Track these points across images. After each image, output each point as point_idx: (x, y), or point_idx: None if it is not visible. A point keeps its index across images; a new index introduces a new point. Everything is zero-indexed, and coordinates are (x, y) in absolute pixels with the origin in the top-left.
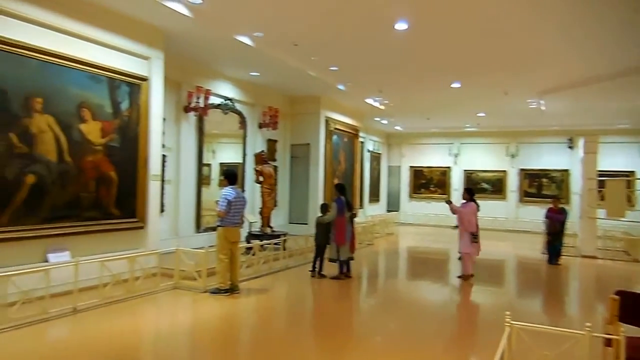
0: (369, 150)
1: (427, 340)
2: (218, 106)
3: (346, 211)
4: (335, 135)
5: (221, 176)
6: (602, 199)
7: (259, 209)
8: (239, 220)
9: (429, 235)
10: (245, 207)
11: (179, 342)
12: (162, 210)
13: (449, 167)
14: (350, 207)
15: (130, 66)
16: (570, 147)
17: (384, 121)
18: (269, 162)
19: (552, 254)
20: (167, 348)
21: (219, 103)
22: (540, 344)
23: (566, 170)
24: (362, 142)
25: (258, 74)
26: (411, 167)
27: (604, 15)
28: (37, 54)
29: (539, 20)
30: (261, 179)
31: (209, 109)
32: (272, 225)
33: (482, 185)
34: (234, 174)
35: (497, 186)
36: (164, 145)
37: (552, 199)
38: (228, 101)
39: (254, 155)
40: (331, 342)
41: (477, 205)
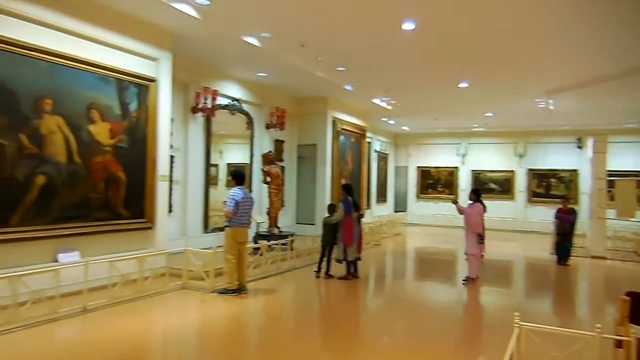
0: (376, 151)
1: (435, 341)
2: (225, 107)
3: (353, 211)
4: (342, 136)
5: (229, 177)
6: (612, 199)
7: (267, 210)
8: (246, 221)
9: (437, 235)
10: (253, 208)
11: (187, 341)
12: (170, 211)
13: (456, 167)
14: (357, 207)
15: (139, 67)
16: (579, 147)
17: (391, 121)
18: (276, 163)
19: (561, 254)
20: (175, 348)
21: (226, 104)
22: (549, 345)
23: (575, 170)
24: (369, 143)
25: (265, 75)
26: (418, 167)
27: (610, 15)
28: (47, 55)
29: (546, 20)
30: (268, 179)
31: (217, 110)
32: (279, 225)
33: (490, 186)
34: (241, 175)
35: (505, 186)
36: (172, 146)
37: (561, 199)
38: (235, 102)
39: (262, 155)
40: (339, 342)
41: (484, 206)
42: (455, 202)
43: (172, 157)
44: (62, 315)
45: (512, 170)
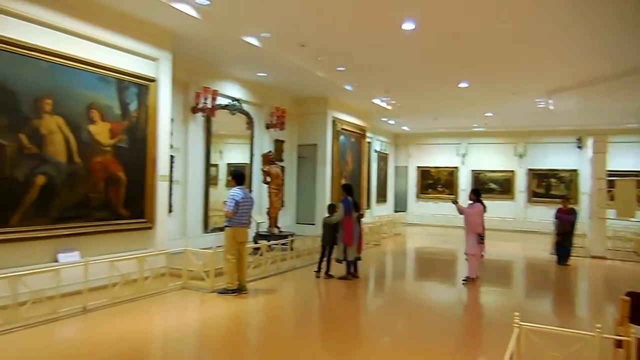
0: (376, 151)
1: (435, 341)
2: (225, 107)
3: (353, 212)
4: (342, 136)
5: (229, 177)
6: (612, 199)
7: (267, 210)
8: (246, 221)
9: (437, 235)
10: (253, 208)
11: (187, 341)
12: (170, 211)
13: (456, 167)
14: (357, 207)
15: (139, 67)
16: (579, 147)
17: (391, 121)
18: (276, 163)
19: (561, 254)
20: (175, 348)
21: (226, 104)
22: (549, 345)
23: (575, 170)
24: (369, 143)
25: (265, 75)
26: (418, 167)
27: (610, 15)
28: (47, 55)
29: (546, 20)
30: (268, 179)
31: (217, 110)
32: (279, 225)
33: (490, 186)
34: (241, 175)
35: (505, 186)
36: (172, 146)
37: (561, 200)
38: (235, 102)
39: (261, 155)
40: (339, 342)
41: (484, 206)
42: (455, 202)
43: (172, 157)
44: (62, 315)
45: (512, 170)
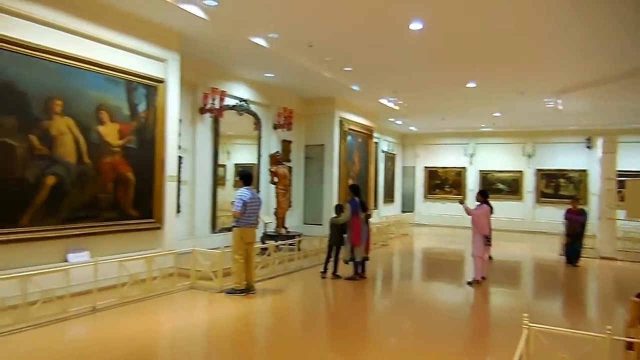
0: (383, 151)
1: (442, 342)
2: (233, 107)
3: (360, 212)
4: (349, 136)
5: (236, 177)
6: (622, 200)
7: (274, 210)
8: (254, 221)
9: (444, 236)
10: (261, 208)
11: (195, 341)
12: (178, 211)
13: (464, 168)
14: (364, 207)
15: (147, 68)
16: (589, 147)
17: (399, 121)
18: (284, 163)
19: (571, 255)
20: (184, 347)
21: (234, 104)
22: (559, 347)
23: (584, 171)
24: (376, 143)
25: (273, 75)
26: (426, 167)
27: (620, 14)
28: (57, 57)
29: (554, 19)
30: (276, 179)
31: (224, 110)
32: (286, 226)
33: (497, 186)
34: (249, 175)
35: (513, 187)
36: (180, 147)
37: (571, 200)
38: (243, 102)
39: (269, 156)
40: (346, 343)
41: (491, 208)
42: (462, 202)
43: (180, 157)
44: (72, 314)
45: (521, 171)
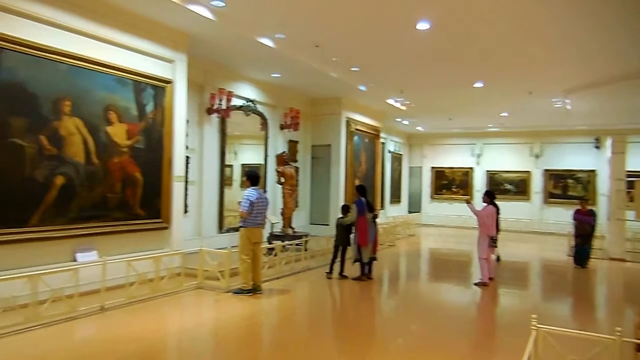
0: (390, 151)
1: (450, 343)
2: (240, 108)
3: (367, 212)
4: (356, 136)
5: (243, 177)
6: (631, 200)
7: (281, 210)
8: (261, 221)
9: (451, 236)
10: (268, 208)
11: (202, 341)
12: (185, 211)
13: (471, 168)
14: (371, 208)
15: (155, 69)
16: (597, 147)
17: (405, 122)
18: (290, 163)
19: (581, 256)
20: (191, 347)
21: (240, 105)
22: (567, 349)
23: (593, 171)
24: (383, 143)
25: (279, 76)
26: (433, 167)
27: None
28: (66, 58)
29: (563, 18)
30: (282, 180)
31: (231, 111)
32: (293, 226)
33: (505, 186)
34: (256, 175)
35: (520, 187)
36: (187, 147)
37: (579, 201)
38: (250, 103)
39: (276, 156)
40: (352, 343)
41: (497, 208)
42: (468, 202)
43: (187, 157)
44: (80, 313)
45: (528, 171)
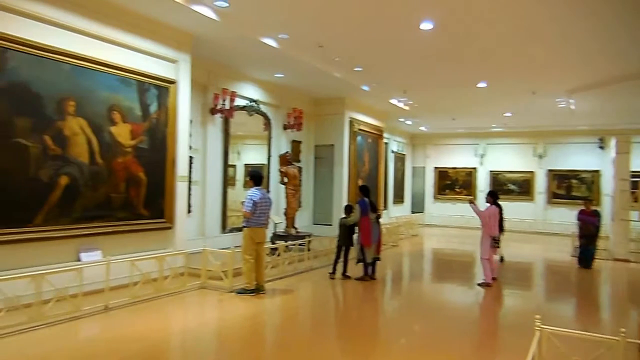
0: (393, 151)
1: (453, 344)
2: (243, 108)
3: (370, 213)
4: (359, 136)
5: (247, 177)
6: (635, 201)
7: (284, 210)
8: (264, 221)
9: (454, 237)
10: (271, 208)
11: (206, 340)
12: (189, 211)
13: (474, 168)
14: (374, 208)
15: (159, 69)
16: (601, 147)
17: (409, 122)
18: (294, 163)
19: (586, 257)
20: (194, 346)
21: (244, 105)
22: (572, 350)
23: (597, 171)
24: (386, 143)
25: (283, 76)
26: (436, 168)
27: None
28: (70, 58)
29: (568, 18)
30: (286, 180)
31: (235, 111)
32: (296, 226)
33: (508, 187)
34: (259, 175)
35: (524, 187)
36: (190, 147)
37: (583, 201)
38: (253, 103)
39: (279, 156)
40: (355, 343)
41: (500, 209)
42: (471, 202)
43: (191, 157)
44: (84, 313)
45: (532, 171)
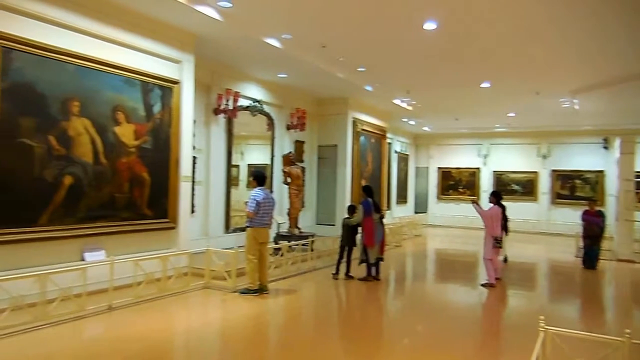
0: (396, 152)
1: (456, 344)
2: (246, 108)
3: (374, 213)
4: (362, 136)
5: (250, 177)
6: None
7: (287, 210)
8: (268, 221)
9: (458, 237)
10: (274, 208)
11: (209, 340)
12: (192, 211)
13: (478, 168)
14: (378, 208)
15: (163, 70)
16: (606, 148)
17: (412, 122)
18: (297, 164)
19: (590, 258)
20: (198, 346)
21: (247, 105)
22: (576, 351)
23: (601, 172)
24: (389, 143)
25: (286, 76)
26: (439, 168)
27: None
28: (75, 59)
29: (570, 19)
30: (289, 180)
31: (238, 111)
32: (299, 226)
33: (512, 187)
34: (262, 175)
35: (527, 187)
36: (194, 147)
37: (588, 202)
38: (256, 103)
39: (282, 156)
40: (359, 344)
41: (504, 209)
42: (474, 202)
43: (194, 158)
44: (88, 312)
45: (535, 171)
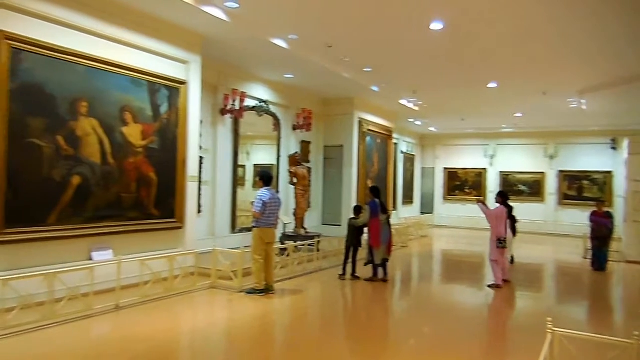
0: (402, 152)
1: (463, 345)
2: (253, 108)
3: (381, 214)
4: (368, 137)
5: (256, 178)
6: None
7: (293, 211)
8: (274, 221)
9: (464, 238)
10: (280, 209)
11: (215, 340)
12: (199, 211)
13: (484, 169)
14: (384, 209)
15: (170, 70)
16: (614, 148)
17: (418, 122)
18: (303, 164)
19: (599, 259)
20: (204, 346)
21: (253, 105)
22: (584, 353)
23: (609, 172)
24: (395, 144)
25: (292, 76)
26: (445, 168)
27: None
28: (83, 59)
29: (577, 19)
30: (295, 180)
31: (244, 112)
32: (305, 226)
33: (519, 188)
34: (268, 176)
35: (534, 188)
36: (201, 147)
37: (596, 203)
38: (263, 103)
39: (288, 156)
40: (365, 344)
41: (510, 209)
42: (480, 201)
43: (201, 158)
44: (96, 312)
45: (543, 172)
